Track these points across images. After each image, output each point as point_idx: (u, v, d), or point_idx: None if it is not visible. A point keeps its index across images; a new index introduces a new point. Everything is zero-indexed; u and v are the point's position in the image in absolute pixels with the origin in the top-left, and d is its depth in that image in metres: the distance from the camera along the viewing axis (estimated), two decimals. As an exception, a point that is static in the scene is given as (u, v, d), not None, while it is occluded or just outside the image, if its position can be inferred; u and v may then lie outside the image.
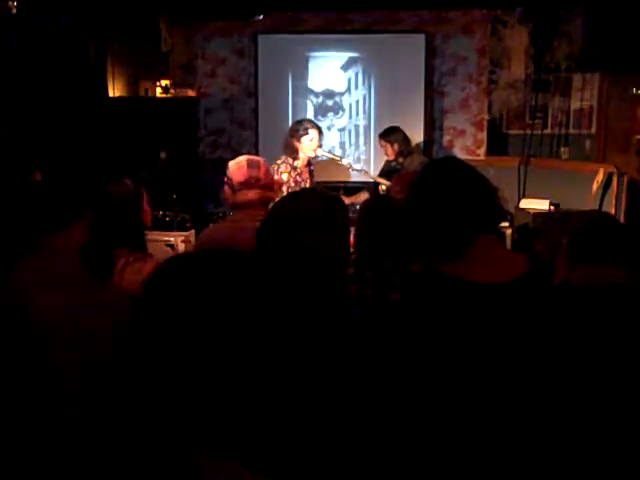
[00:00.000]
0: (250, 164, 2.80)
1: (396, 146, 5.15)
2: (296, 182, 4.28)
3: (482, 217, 1.59)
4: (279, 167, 4.20)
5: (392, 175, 4.27)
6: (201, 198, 5.81)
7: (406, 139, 5.27)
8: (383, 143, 5.25)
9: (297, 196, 1.65)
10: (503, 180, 1.70)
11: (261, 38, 6.36)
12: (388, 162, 5.32)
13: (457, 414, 1.51)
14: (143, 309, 1.02)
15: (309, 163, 4.45)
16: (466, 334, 1.51)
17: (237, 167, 2.81)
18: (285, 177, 4.18)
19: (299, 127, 4.30)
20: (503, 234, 4.84)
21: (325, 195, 1.64)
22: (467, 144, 6.62)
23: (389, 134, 5.23)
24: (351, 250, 2.65)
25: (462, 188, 1.59)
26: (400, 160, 5.14)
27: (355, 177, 5.65)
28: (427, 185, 1.65)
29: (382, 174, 5.03)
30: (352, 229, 2.76)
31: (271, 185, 2.84)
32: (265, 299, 1.44)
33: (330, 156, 4.47)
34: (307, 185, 4.30)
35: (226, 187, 2.87)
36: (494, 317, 1.52)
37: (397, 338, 1.53)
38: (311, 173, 4.46)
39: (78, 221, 1.69)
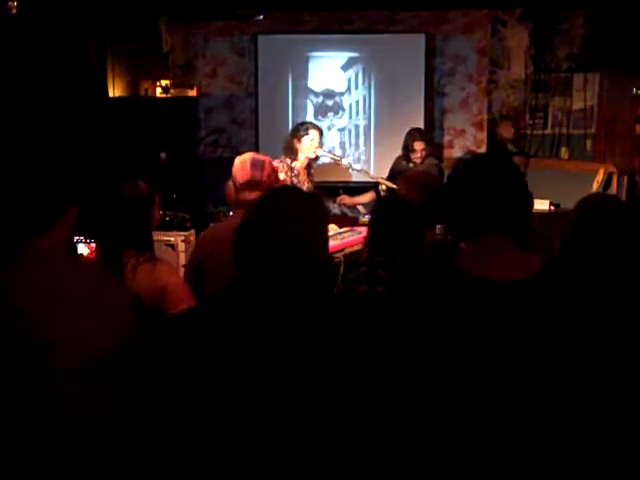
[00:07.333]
0: (254, 165, 2.77)
1: (424, 151, 5.05)
2: (292, 183, 4.29)
3: (516, 218, 1.60)
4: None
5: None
6: (201, 198, 5.81)
7: None
8: (422, 146, 5.05)
9: (273, 195, 1.61)
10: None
11: (261, 38, 6.36)
12: (399, 161, 5.20)
13: (473, 414, 1.50)
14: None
15: (308, 166, 4.45)
16: (480, 332, 1.50)
17: (241, 167, 2.79)
18: (282, 176, 4.18)
19: (300, 127, 4.39)
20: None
21: (301, 192, 1.63)
22: (467, 144, 6.61)
23: (423, 135, 5.12)
24: (363, 248, 2.64)
25: (508, 185, 1.59)
26: (419, 162, 5.03)
27: (355, 177, 5.64)
28: (474, 175, 1.64)
29: (393, 174, 4.94)
30: (366, 228, 2.76)
31: (274, 187, 2.81)
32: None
33: (330, 156, 4.47)
34: (304, 187, 4.31)
35: (230, 183, 2.87)
36: (510, 315, 1.51)
37: (412, 337, 1.53)
38: (309, 175, 4.46)
39: (60, 221, 1.67)
